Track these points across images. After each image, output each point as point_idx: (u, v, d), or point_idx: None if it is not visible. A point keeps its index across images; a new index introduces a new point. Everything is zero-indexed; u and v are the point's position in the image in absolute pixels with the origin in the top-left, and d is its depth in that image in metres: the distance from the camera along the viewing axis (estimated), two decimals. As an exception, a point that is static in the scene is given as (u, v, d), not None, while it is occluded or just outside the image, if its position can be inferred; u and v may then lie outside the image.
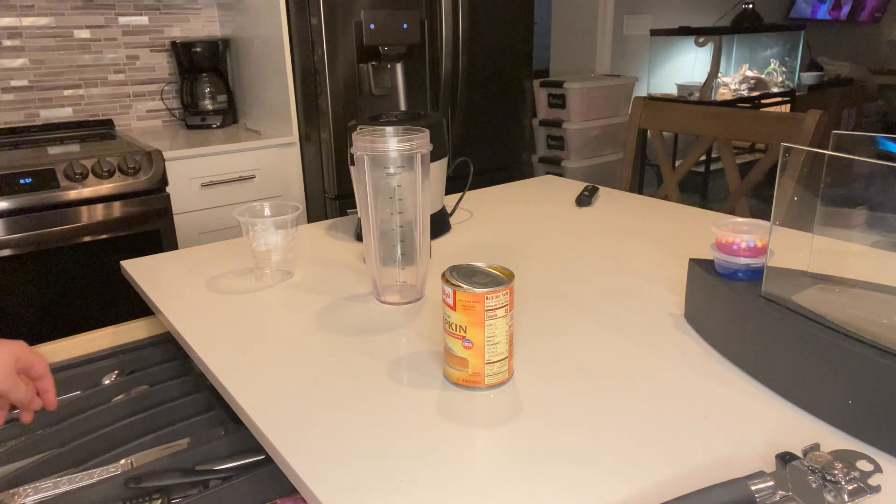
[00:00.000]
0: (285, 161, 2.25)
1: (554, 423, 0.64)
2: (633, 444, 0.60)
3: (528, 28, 2.52)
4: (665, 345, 0.78)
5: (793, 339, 0.64)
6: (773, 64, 4.29)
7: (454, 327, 0.68)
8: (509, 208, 1.37)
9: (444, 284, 0.69)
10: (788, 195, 0.68)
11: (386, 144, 0.86)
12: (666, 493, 0.49)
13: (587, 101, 3.29)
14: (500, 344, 0.69)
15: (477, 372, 0.69)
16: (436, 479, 0.56)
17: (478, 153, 2.48)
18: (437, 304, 0.91)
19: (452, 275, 0.70)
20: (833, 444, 0.55)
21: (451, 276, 0.69)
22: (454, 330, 0.69)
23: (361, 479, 0.56)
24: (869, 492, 0.47)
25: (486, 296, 0.66)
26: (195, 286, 1.01)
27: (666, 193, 1.66)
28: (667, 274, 0.98)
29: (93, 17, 2.33)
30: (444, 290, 0.69)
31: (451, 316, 0.68)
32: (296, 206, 1.00)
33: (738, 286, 0.72)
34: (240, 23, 2.42)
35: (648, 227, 1.22)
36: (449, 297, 0.68)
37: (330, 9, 2.02)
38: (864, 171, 0.63)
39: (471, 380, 0.70)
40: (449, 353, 0.70)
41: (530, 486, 0.55)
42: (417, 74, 2.32)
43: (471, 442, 0.61)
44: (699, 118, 1.65)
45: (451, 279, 0.69)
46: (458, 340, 0.69)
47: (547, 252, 1.10)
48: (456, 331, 0.68)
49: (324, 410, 0.67)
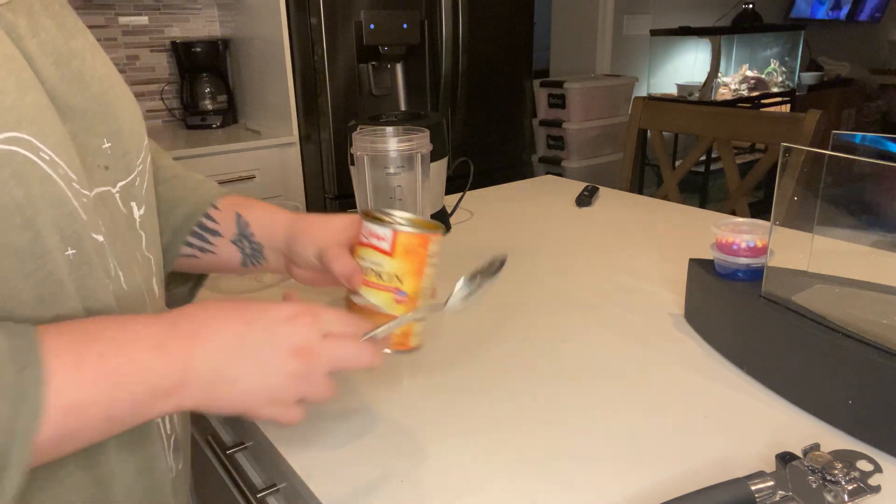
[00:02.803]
0: (285, 161, 2.25)
1: (554, 422, 0.64)
2: (632, 444, 0.60)
3: (528, 28, 2.52)
4: (665, 345, 0.78)
5: (793, 339, 0.64)
6: (773, 64, 4.29)
7: (385, 277, 0.57)
8: (509, 208, 1.37)
9: (375, 226, 0.57)
10: (788, 195, 0.68)
11: (386, 144, 0.86)
12: (666, 493, 0.49)
13: (587, 101, 3.29)
14: (427, 299, 0.60)
15: (406, 332, 0.59)
16: (436, 479, 0.56)
17: (478, 153, 2.48)
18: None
19: (382, 214, 0.58)
20: (833, 444, 0.55)
21: (384, 215, 0.58)
22: (385, 280, 0.57)
23: (361, 478, 0.56)
24: (869, 492, 0.47)
25: (432, 238, 0.58)
26: (195, 286, 1.00)
27: (666, 193, 1.66)
28: (667, 274, 0.98)
29: (93, 17, 2.33)
30: (377, 233, 0.57)
31: (383, 264, 0.57)
32: (296, 206, 1.00)
33: (738, 286, 0.72)
34: (240, 23, 2.42)
35: (648, 227, 1.22)
36: (385, 241, 0.57)
37: (330, 9, 2.02)
38: (864, 171, 0.63)
39: (399, 342, 0.59)
40: (369, 311, 0.58)
41: (530, 486, 0.55)
42: (417, 74, 2.32)
43: (471, 442, 0.61)
44: (699, 118, 1.65)
45: (387, 217, 0.58)
46: (389, 294, 0.57)
47: (547, 252, 1.10)
48: (387, 281, 0.57)
49: (323, 410, 0.67)
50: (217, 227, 0.67)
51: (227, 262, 0.68)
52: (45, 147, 0.42)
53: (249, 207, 0.68)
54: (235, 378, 0.46)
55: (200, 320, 0.47)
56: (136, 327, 0.44)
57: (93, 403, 0.40)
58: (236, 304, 0.49)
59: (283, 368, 0.48)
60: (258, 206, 0.68)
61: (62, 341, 0.40)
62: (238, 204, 0.68)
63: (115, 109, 0.52)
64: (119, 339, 0.43)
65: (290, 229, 0.65)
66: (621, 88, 3.46)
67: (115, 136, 0.51)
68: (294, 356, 0.48)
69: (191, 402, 0.45)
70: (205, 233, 0.67)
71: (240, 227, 0.67)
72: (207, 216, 0.67)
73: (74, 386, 0.39)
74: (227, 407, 0.47)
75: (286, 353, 0.48)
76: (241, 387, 0.47)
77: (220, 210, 0.68)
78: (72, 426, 0.40)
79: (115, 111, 0.52)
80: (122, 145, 0.52)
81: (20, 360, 0.37)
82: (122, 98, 0.54)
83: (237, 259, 0.68)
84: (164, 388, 0.43)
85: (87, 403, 0.40)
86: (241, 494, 0.69)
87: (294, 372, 0.48)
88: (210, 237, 0.67)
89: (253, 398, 0.47)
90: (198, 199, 0.68)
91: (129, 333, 0.43)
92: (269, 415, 0.48)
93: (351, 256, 0.59)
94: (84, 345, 0.41)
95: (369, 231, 0.57)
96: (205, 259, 0.68)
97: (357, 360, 0.51)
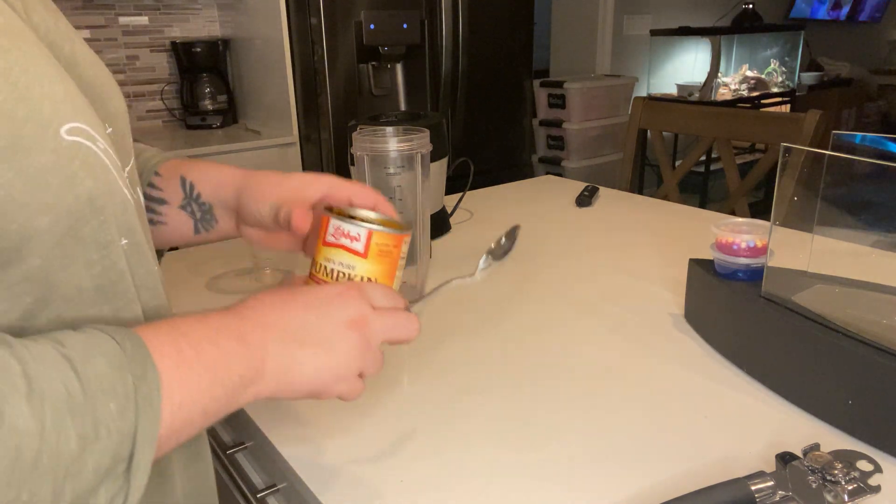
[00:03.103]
0: (285, 161, 2.25)
1: (554, 422, 0.64)
2: (632, 445, 0.60)
3: (528, 28, 2.52)
4: (665, 345, 0.78)
5: (793, 339, 0.64)
6: (773, 64, 4.29)
7: (357, 280, 0.54)
8: (509, 208, 1.37)
9: (346, 224, 0.53)
10: (788, 195, 0.68)
11: (386, 144, 0.86)
12: (666, 493, 0.49)
13: (587, 101, 3.29)
14: None
15: None
16: (436, 479, 0.56)
17: (478, 153, 2.48)
18: (437, 304, 0.90)
19: (349, 211, 0.55)
20: (833, 444, 0.55)
21: (353, 212, 0.55)
22: None
23: (361, 478, 0.56)
24: (869, 492, 0.47)
25: (405, 238, 0.55)
26: (195, 286, 1.01)
27: (666, 193, 1.66)
28: (667, 274, 0.98)
29: (93, 17, 2.33)
30: (348, 233, 0.53)
31: (355, 266, 0.53)
32: (296, 206, 1.00)
33: (738, 286, 0.72)
34: (240, 23, 2.42)
35: (648, 227, 1.22)
36: (358, 241, 0.53)
37: (330, 9, 2.03)
38: (864, 171, 0.63)
39: None
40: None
41: (530, 486, 0.55)
42: (417, 74, 2.32)
43: (471, 442, 0.61)
44: (699, 118, 1.65)
45: (359, 216, 0.54)
46: None
47: (547, 252, 1.10)
48: None
49: (323, 409, 0.67)
50: (162, 194, 0.64)
51: (180, 231, 0.66)
52: (97, 135, 0.42)
53: (192, 167, 0.65)
54: (305, 359, 0.47)
55: (264, 310, 0.47)
56: (213, 322, 0.44)
57: (194, 401, 0.40)
58: (289, 291, 0.50)
59: (344, 342, 0.48)
60: (203, 165, 0.66)
61: (161, 341, 0.40)
62: (180, 166, 0.65)
63: (108, 92, 0.51)
64: (206, 335, 0.42)
65: (241, 184, 0.63)
66: (621, 88, 3.46)
67: (112, 120, 0.49)
68: (351, 328, 0.49)
69: (267, 390, 0.46)
70: (151, 203, 0.64)
71: (186, 191, 0.64)
72: (151, 185, 0.64)
73: (179, 385, 0.39)
74: (300, 390, 0.48)
75: (344, 326, 0.49)
76: (312, 366, 0.47)
77: (161, 176, 0.65)
78: (177, 426, 0.39)
79: (109, 94, 0.50)
80: (119, 129, 0.51)
81: (138, 366, 0.37)
82: (109, 80, 0.53)
83: (189, 226, 0.65)
84: (249, 377, 0.44)
85: (190, 401, 0.40)
86: (241, 494, 0.69)
87: (354, 344, 0.49)
88: (157, 206, 0.64)
89: (323, 376, 0.48)
90: (141, 168, 0.64)
91: (211, 329, 0.43)
92: (338, 391, 0.49)
93: (311, 213, 0.58)
94: (179, 343, 0.41)
95: (339, 230, 0.53)
96: (157, 232, 0.65)
97: (406, 330, 0.52)
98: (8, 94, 0.36)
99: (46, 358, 0.34)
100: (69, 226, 0.40)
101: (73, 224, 0.40)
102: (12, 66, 0.36)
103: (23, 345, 0.34)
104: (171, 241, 0.68)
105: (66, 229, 0.40)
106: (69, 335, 0.37)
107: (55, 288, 0.40)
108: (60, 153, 0.38)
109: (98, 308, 0.43)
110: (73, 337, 0.37)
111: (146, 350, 0.38)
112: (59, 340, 0.36)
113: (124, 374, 0.36)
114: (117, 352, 0.37)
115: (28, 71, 0.37)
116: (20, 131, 0.36)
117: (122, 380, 0.36)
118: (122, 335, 0.38)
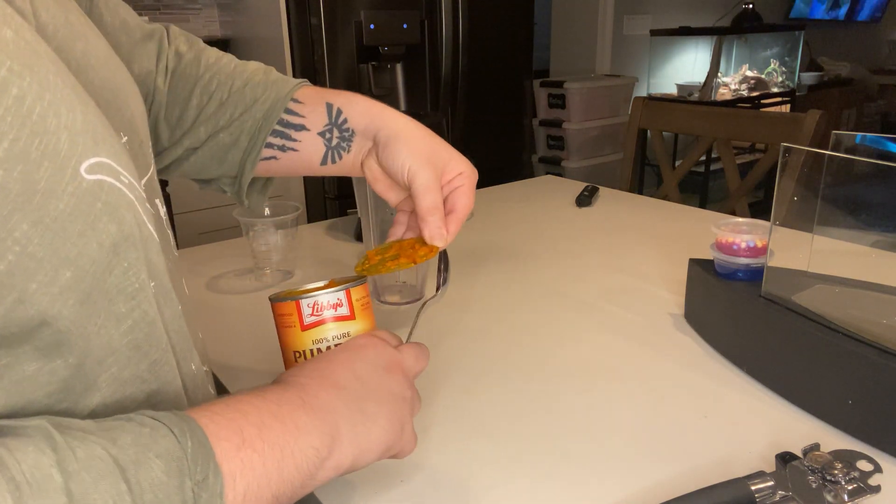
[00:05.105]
0: (285, 161, 2.25)
1: (554, 422, 0.64)
2: (632, 444, 0.60)
3: (528, 28, 2.52)
4: (665, 345, 0.78)
5: (793, 339, 0.64)
6: (773, 64, 4.29)
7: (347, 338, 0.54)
8: (509, 208, 1.37)
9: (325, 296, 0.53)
10: (788, 195, 0.68)
11: (386, 144, 0.85)
12: (666, 493, 0.49)
13: (587, 101, 3.29)
14: None
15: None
16: (435, 479, 0.56)
17: (478, 153, 2.47)
18: (438, 304, 0.90)
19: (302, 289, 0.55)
20: (833, 444, 0.55)
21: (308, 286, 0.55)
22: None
23: (361, 478, 0.56)
24: (869, 492, 0.47)
25: (367, 284, 0.57)
26: (195, 286, 1.01)
27: (666, 193, 1.66)
28: (667, 274, 0.98)
29: (93, 17, 2.32)
30: (329, 303, 0.53)
31: (349, 330, 0.53)
32: (296, 206, 1.00)
33: (738, 286, 0.72)
34: (240, 23, 2.42)
35: (648, 227, 1.22)
36: (342, 306, 0.53)
37: (330, 9, 2.03)
38: (864, 171, 0.63)
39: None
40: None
41: (530, 486, 0.55)
42: (417, 74, 2.32)
43: (471, 442, 0.61)
44: (699, 118, 1.65)
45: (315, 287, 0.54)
46: None
47: (547, 252, 1.10)
48: None
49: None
50: (303, 120, 0.63)
51: (308, 161, 0.64)
52: (121, 168, 0.37)
53: (337, 95, 0.63)
54: (374, 411, 0.44)
55: (313, 373, 0.44)
56: (270, 395, 0.40)
57: (261, 486, 0.36)
58: (323, 354, 0.49)
59: (397, 386, 0.48)
60: (348, 93, 0.63)
61: (219, 424, 0.36)
62: (323, 93, 0.64)
63: (124, 94, 0.45)
64: (267, 408, 0.39)
65: (384, 124, 0.61)
66: (621, 88, 3.46)
67: (129, 126, 0.45)
68: (390, 372, 0.48)
69: (347, 459, 0.42)
70: (288, 129, 0.62)
71: (331, 117, 0.62)
72: (289, 111, 0.63)
73: (242, 470, 0.35)
74: (376, 449, 0.44)
75: (385, 372, 0.48)
76: (384, 418, 0.45)
77: (302, 103, 0.63)
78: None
79: (125, 97, 0.46)
80: (137, 136, 0.46)
81: (199, 469, 0.33)
82: (126, 79, 0.47)
83: (319, 155, 0.63)
84: (325, 447, 0.40)
85: (255, 487, 0.36)
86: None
87: (405, 385, 0.48)
88: (293, 132, 0.63)
89: (394, 427, 0.45)
90: (277, 94, 0.63)
91: (270, 402, 0.40)
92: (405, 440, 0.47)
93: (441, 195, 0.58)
94: (239, 422, 0.37)
95: (318, 305, 0.52)
96: (283, 160, 0.64)
97: (425, 358, 0.52)
98: (20, 131, 0.30)
99: (94, 465, 0.30)
100: (94, 278, 0.35)
101: (98, 275, 0.35)
102: (25, 94, 0.31)
103: (69, 446, 0.30)
104: (293, 171, 0.66)
105: (91, 283, 0.35)
106: (122, 428, 0.33)
107: (87, 353, 0.36)
108: (81, 196, 0.33)
109: (135, 366, 0.39)
110: (126, 432, 0.33)
111: (209, 448, 0.34)
112: (112, 438, 0.32)
113: (183, 481, 0.33)
114: (176, 452, 0.33)
115: (43, 98, 0.32)
116: (35, 174, 0.31)
117: (180, 488, 0.32)
118: (182, 427, 0.34)
